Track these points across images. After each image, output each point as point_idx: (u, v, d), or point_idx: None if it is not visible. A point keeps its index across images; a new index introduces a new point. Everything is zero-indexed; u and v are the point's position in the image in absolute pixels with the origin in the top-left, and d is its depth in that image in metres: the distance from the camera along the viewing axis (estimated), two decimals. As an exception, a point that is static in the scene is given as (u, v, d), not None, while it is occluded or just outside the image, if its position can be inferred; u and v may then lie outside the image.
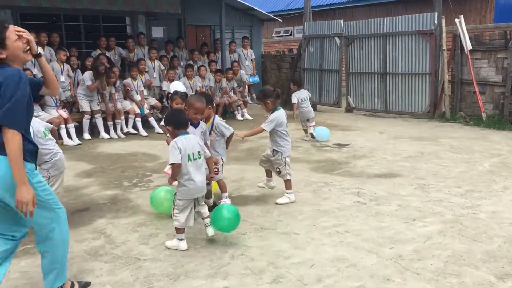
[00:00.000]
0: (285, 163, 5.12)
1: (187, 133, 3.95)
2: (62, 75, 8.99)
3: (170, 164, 3.89)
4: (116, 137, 9.16)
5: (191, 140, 3.89)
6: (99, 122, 9.21)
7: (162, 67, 10.81)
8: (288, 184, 5.12)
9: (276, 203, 4.97)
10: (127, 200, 5.34)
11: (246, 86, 12.41)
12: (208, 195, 4.62)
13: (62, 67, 9.09)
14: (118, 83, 9.38)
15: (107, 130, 9.20)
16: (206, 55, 12.35)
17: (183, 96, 5.41)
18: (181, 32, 13.02)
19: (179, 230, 3.93)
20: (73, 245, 4.09)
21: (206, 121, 4.76)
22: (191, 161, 3.85)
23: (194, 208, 3.98)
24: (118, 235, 4.31)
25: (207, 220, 4.03)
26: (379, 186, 5.56)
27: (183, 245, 3.92)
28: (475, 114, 9.94)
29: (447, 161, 6.74)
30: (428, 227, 4.26)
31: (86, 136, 9.05)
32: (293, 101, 8.68)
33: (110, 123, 9.20)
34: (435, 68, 10.34)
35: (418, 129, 9.45)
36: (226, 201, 4.93)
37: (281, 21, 17.24)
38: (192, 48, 12.67)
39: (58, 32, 10.12)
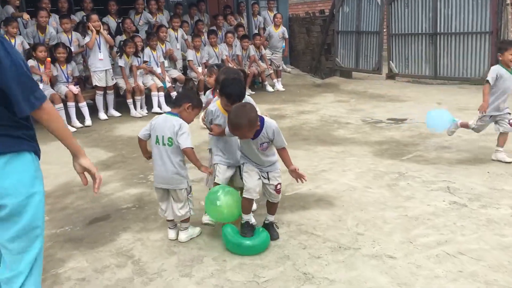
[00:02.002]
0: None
1: (174, 114, 3.36)
2: (71, 46, 7.84)
3: None
4: (139, 115, 8.08)
5: (166, 122, 3.33)
6: (110, 98, 8.13)
7: (186, 37, 9.55)
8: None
9: None
10: (156, 203, 4.26)
11: (288, 45, 11.15)
12: (271, 209, 3.48)
13: (70, 37, 7.93)
14: (144, 55, 8.26)
15: (125, 108, 8.13)
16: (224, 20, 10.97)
17: (214, 68, 4.23)
18: (202, -6, 11.68)
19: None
20: (92, 277, 3.06)
21: None
22: (158, 144, 3.34)
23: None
24: (149, 259, 3.25)
25: (183, 224, 3.49)
26: (472, 177, 4.39)
27: (169, 234, 3.54)
28: (545, 79, 8.57)
29: (538, 139, 5.51)
30: None
31: (102, 116, 7.98)
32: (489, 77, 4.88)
33: (129, 100, 8.09)
34: (497, 26, 8.94)
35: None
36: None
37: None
38: (214, 12, 11.38)
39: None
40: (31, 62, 6.99)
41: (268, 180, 3.32)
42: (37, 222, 2.05)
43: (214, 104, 3.61)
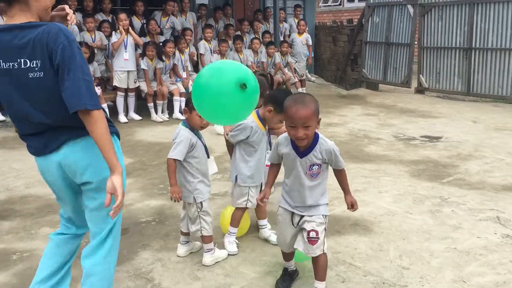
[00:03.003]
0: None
1: (184, 121, 3.17)
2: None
3: None
4: (160, 120, 7.83)
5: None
6: (131, 100, 7.90)
7: (217, 48, 9.15)
8: None
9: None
10: (177, 218, 3.96)
11: (312, 53, 10.88)
12: (316, 270, 2.71)
13: (93, 36, 7.72)
14: (173, 59, 8.00)
15: (146, 112, 7.89)
16: (249, 25, 10.54)
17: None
18: (228, -2, 11.44)
19: None
20: (107, 302, 2.75)
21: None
22: None
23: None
24: (170, 284, 2.94)
25: (206, 246, 3.20)
26: (522, 207, 4.01)
27: (178, 250, 3.32)
28: None
29: None
30: None
31: (122, 118, 7.74)
32: None
33: (150, 104, 7.85)
34: (538, 43, 8.52)
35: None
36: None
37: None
38: (239, 16, 11.11)
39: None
40: None
41: (300, 224, 2.67)
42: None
43: (252, 119, 3.19)
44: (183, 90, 8.02)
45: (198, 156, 3.10)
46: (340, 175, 2.71)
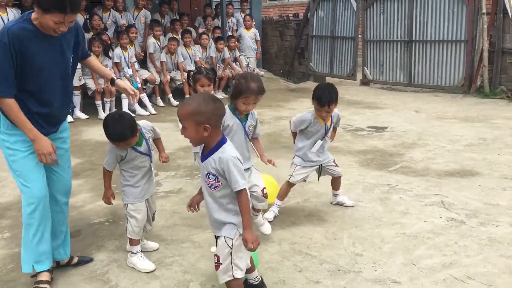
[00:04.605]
0: None
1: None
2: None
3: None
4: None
5: None
6: (76, 99, 7.65)
7: (165, 43, 9.04)
8: None
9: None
10: (132, 217, 3.91)
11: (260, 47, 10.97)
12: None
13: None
14: (114, 56, 7.80)
15: (93, 110, 7.67)
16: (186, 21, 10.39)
17: (210, 74, 3.96)
18: (173, -7, 11.25)
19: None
20: (62, 307, 2.68)
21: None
22: None
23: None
24: (128, 285, 2.90)
25: (127, 246, 3.20)
26: (464, 191, 4.24)
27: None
28: (518, 89, 8.66)
29: (522, 151, 5.46)
30: None
31: (68, 117, 7.46)
32: None
33: (98, 102, 7.64)
34: (472, 35, 8.97)
35: (459, 107, 8.14)
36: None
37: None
38: (186, 11, 10.99)
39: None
40: None
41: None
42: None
43: (312, 112, 3.72)
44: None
45: (132, 165, 3.08)
46: (238, 200, 2.25)
